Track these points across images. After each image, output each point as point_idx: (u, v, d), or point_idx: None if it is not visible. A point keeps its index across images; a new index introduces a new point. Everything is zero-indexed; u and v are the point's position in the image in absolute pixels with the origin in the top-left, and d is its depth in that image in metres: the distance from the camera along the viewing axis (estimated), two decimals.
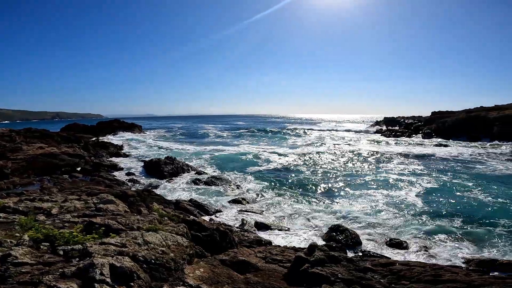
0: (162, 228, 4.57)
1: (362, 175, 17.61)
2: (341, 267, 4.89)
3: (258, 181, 16.59)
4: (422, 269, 5.27)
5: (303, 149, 30.96)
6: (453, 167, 19.87)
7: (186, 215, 8.39)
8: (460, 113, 43.01)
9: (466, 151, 27.62)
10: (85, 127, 46.26)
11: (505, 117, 34.19)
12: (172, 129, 67.50)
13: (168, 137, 47.03)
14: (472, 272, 5.49)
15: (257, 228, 10.08)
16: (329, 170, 19.39)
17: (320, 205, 12.37)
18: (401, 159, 23.96)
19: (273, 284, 4.27)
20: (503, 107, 39.36)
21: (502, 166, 19.87)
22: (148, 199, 10.09)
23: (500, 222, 9.95)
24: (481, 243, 8.68)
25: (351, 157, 24.59)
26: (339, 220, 10.62)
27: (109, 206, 5.73)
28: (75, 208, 5.73)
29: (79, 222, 4.81)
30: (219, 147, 33.03)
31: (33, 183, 13.63)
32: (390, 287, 4.40)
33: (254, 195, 14.03)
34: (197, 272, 3.83)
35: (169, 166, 18.22)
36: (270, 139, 42.92)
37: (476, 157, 24.05)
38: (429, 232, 9.57)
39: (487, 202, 12.14)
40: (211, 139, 43.98)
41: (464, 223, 10.15)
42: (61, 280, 2.86)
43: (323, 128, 71.19)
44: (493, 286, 4.18)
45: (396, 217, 10.93)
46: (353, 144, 35.67)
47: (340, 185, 15.40)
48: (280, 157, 25.18)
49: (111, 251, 3.43)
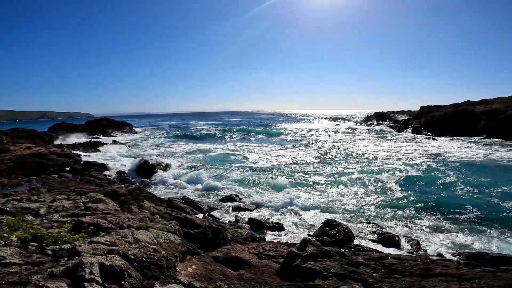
0: (153, 226, 4.52)
1: (353, 169, 17.76)
2: (334, 261, 4.90)
3: (250, 178, 16.59)
4: (414, 262, 5.34)
5: (294, 145, 31.11)
6: (441, 160, 20.21)
7: (178, 212, 8.33)
8: (448, 108, 43.73)
9: (452, 145, 28.14)
10: (74, 126, 45.52)
11: (491, 111, 34.84)
12: (163, 127, 66.97)
13: (159, 135, 46.61)
14: (462, 266, 5.58)
15: (250, 224, 10.08)
16: (319, 165, 19.51)
17: (312, 200, 12.42)
18: (389, 152, 24.28)
19: (266, 280, 4.27)
20: (490, 101, 40.13)
21: (483, 158, 20.29)
22: (140, 198, 9.98)
23: (489, 215, 10.14)
24: (471, 235, 8.83)
25: (341, 152, 24.76)
26: (332, 214, 10.70)
27: (98, 205, 5.64)
28: (63, 207, 5.63)
29: (67, 222, 4.72)
30: (210, 145, 32.95)
31: (21, 183, 13.35)
32: (382, 281, 4.43)
33: (247, 192, 14.02)
34: (189, 269, 3.80)
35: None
36: (260, 136, 42.80)
37: (462, 150, 24.51)
38: (420, 224, 9.74)
39: (475, 195, 12.38)
40: (203, 136, 43.68)
41: (454, 215, 10.33)
42: (50, 279, 2.84)
43: (314, 123, 71.60)
44: (484, 280, 4.25)
45: (387, 210, 11.07)
46: (344, 139, 35.97)
47: (331, 180, 15.49)
48: (271, 153, 25.25)
49: (100, 250, 3.38)
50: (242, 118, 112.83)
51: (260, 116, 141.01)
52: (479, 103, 40.80)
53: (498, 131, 31.76)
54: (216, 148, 29.12)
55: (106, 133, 44.23)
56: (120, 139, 37.46)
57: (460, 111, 39.31)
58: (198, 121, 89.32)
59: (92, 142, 29.75)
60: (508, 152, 22.95)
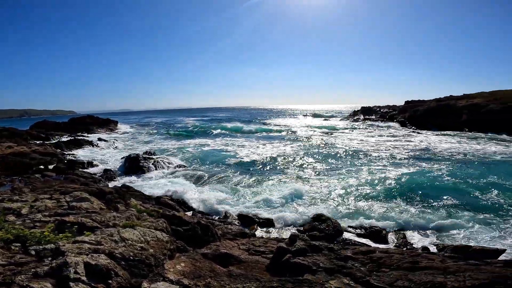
0: (140, 224, 4.43)
1: (340, 164, 17.96)
2: (323, 256, 4.93)
3: (239, 173, 16.56)
4: (400, 256, 5.43)
5: (280, 140, 31.28)
6: (425, 154, 20.69)
7: (166, 210, 8.22)
8: (431, 102, 44.78)
9: (435, 138, 28.84)
10: (56, 124, 44.34)
11: (473, 106, 35.80)
12: (151, 124, 66.02)
13: (146, 132, 45.88)
14: (447, 259, 5.71)
15: (240, 220, 10.08)
16: (308, 160, 19.64)
17: (302, 195, 12.50)
18: (375, 146, 24.68)
19: (256, 275, 4.26)
20: (471, 96, 41.22)
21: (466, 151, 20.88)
22: (127, 196, 9.79)
23: (475, 208, 10.39)
24: (456, 229, 9.02)
25: (328, 147, 25.00)
26: (321, 209, 10.78)
27: (83, 204, 5.50)
28: (46, 207, 5.45)
29: (50, 222, 4.59)
30: (199, 140, 32.72)
31: (3, 183, 12.93)
32: (370, 275, 4.49)
33: (236, 187, 14.00)
34: (178, 266, 3.74)
35: (148, 161, 17.81)
36: (248, 131, 42.69)
37: (446, 143, 25.14)
38: (407, 218, 9.90)
39: (460, 187, 12.70)
40: (192, 132, 43.21)
41: (440, 209, 10.58)
42: (34, 280, 2.81)
43: (302, 119, 72.01)
44: (468, 273, 4.34)
45: (375, 204, 11.24)
46: (331, 133, 36.32)
47: (320, 174, 15.64)
48: (258, 149, 25.30)
49: (85, 249, 3.30)
50: (230, 114, 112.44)
51: (248, 112, 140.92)
52: (461, 97, 41.84)
53: (479, 125, 32.72)
54: (206, 144, 28.98)
55: (90, 131, 43.16)
56: (105, 137, 36.68)
57: (443, 105, 40.30)
58: (186, 117, 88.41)
59: (76, 140, 29.03)
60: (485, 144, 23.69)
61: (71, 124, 45.70)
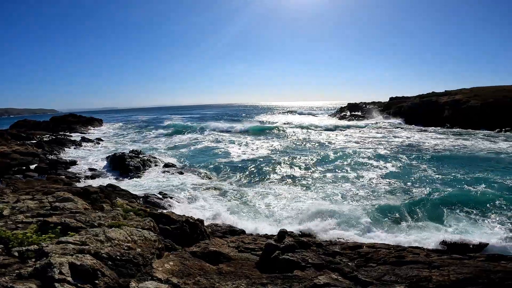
0: (127, 224, 4.35)
1: (327, 160, 18.14)
2: (311, 252, 4.97)
3: (227, 171, 16.53)
4: (387, 251, 5.54)
5: (268, 136, 31.41)
6: (408, 149, 21.17)
7: (154, 208, 8.11)
8: (415, 99, 45.95)
9: (418, 133, 29.53)
10: (37, 123, 43.07)
11: (454, 102, 36.82)
12: (136, 122, 64.93)
13: (131, 130, 45.03)
14: (431, 253, 5.87)
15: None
16: (296, 156, 19.76)
17: (290, 190, 12.58)
18: (360, 143, 25.06)
19: (245, 272, 4.25)
20: (452, 92, 42.40)
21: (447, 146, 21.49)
22: (113, 195, 9.60)
23: (457, 203, 10.62)
24: (438, 223, 9.23)
25: (315, 143, 25.24)
26: (310, 205, 10.84)
27: (66, 204, 5.35)
28: (28, 208, 5.28)
29: (33, 223, 4.45)
30: (187, 137, 32.47)
31: None
32: (358, 270, 4.56)
33: (225, 185, 13.96)
34: (167, 265, 3.69)
35: (135, 159, 17.49)
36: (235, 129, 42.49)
37: (427, 139, 25.77)
38: (393, 211, 10.09)
39: (443, 180, 13.02)
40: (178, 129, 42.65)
41: (423, 202, 10.80)
42: (18, 281, 2.78)
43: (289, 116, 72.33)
44: (452, 267, 4.46)
45: (363, 198, 11.44)
46: (318, 130, 36.65)
47: (306, 170, 15.76)
48: (246, 147, 25.28)
49: (69, 250, 3.22)
50: (217, 111, 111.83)
51: (235, 108, 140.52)
52: (443, 94, 42.98)
53: (460, 121, 33.70)
54: (195, 141, 28.77)
55: (73, 130, 42.07)
56: (89, 136, 35.83)
57: (426, 102, 41.39)
58: (172, 115, 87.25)
59: (58, 140, 28.24)
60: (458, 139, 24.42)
61: (53, 123, 44.48)
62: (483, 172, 14.02)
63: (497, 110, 31.28)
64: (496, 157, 17.80)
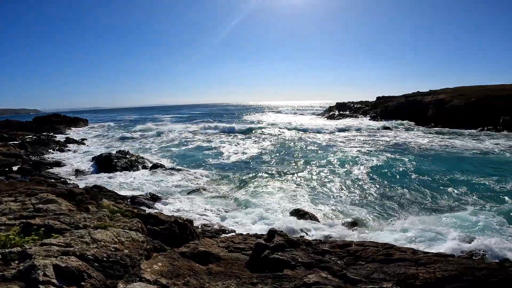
0: (113, 225, 4.25)
1: (315, 159, 18.26)
2: (301, 251, 4.97)
3: (215, 171, 16.45)
4: (375, 249, 5.60)
5: (255, 135, 31.44)
6: (394, 147, 21.56)
7: (142, 209, 7.98)
8: (401, 98, 46.94)
9: (403, 134, 30.12)
10: (20, 123, 41.88)
11: (438, 102, 37.74)
12: (123, 121, 63.86)
13: (118, 130, 44.19)
14: (418, 251, 5.98)
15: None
16: (284, 156, 19.87)
17: (280, 190, 12.61)
18: (346, 143, 25.37)
19: (235, 272, 4.22)
20: (436, 92, 43.48)
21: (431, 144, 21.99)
22: (99, 196, 9.39)
23: (442, 200, 10.90)
24: (424, 219, 9.39)
25: (303, 143, 25.37)
26: (299, 204, 10.90)
27: (50, 206, 5.19)
28: (10, 210, 5.10)
29: (16, 225, 4.31)
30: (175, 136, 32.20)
31: None
32: (347, 269, 4.59)
33: (214, 185, 13.88)
34: (155, 266, 3.63)
35: (122, 160, 17.20)
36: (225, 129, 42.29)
37: (412, 138, 26.32)
38: (381, 209, 10.26)
39: (426, 180, 13.31)
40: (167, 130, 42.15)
41: (408, 200, 11.03)
42: (2, 283, 2.75)
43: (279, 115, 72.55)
44: (438, 264, 4.55)
45: (351, 196, 11.58)
46: (307, 130, 36.87)
47: (296, 170, 15.83)
48: (237, 146, 25.30)
49: (53, 251, 3.13)
50: (206, 111, 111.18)
51: (224, 108, 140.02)
52: (427, 93, 44.04)
53: (443, 120, 34.52)
54: (185, 140, 28.50)
55: (57, 130, 41.02)
56: (74, 136, 35.01)
57: (411, 101, 42.35)
58: (161, 115, 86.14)
59: (42, 140, 27.51)
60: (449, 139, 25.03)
61: (36, 123, 43.32)
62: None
63: (480, 109, 32.11)
64: (474, 156, 18.32)
